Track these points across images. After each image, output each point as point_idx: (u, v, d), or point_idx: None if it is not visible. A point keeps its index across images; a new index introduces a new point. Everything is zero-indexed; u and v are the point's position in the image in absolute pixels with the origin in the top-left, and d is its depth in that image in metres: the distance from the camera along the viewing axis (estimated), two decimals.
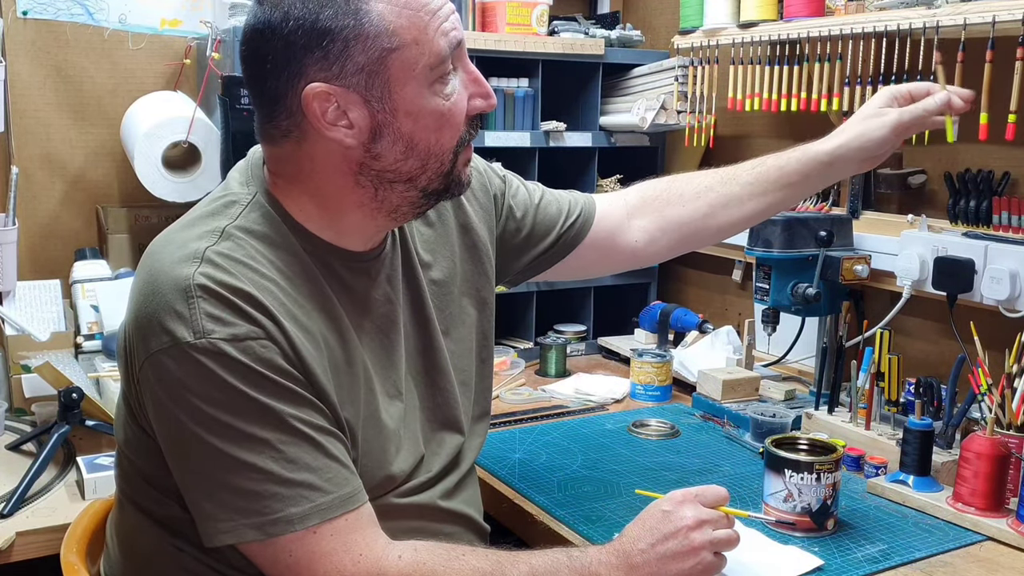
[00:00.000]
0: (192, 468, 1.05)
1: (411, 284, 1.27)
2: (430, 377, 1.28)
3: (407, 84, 1.07)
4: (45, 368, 1.71)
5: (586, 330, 2.42)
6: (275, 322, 1.05)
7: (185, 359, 1.01)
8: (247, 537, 1.03)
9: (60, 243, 2.34)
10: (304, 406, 1.05)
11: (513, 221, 1.43)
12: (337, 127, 1.07)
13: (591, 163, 2.35)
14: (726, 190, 1.45)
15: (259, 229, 1.11)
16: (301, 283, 1.11)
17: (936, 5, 1.66)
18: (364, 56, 1.04)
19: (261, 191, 1.14)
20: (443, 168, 1.14)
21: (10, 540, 1.41)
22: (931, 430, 1.48)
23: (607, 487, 1.54)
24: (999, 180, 1.73)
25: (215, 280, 1.03)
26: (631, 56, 2.38)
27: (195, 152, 2.14)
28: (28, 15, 2.24)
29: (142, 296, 1.06)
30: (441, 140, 1.11)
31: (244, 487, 1.02)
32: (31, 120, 2.28)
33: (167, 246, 1.09)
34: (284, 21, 1.04)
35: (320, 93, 1.05)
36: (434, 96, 1.09)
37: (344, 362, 1.13)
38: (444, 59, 1.08)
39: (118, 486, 1.22)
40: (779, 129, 2.29)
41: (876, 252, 1.88)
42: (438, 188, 1.15)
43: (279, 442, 1.02)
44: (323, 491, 1.04)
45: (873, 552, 1.32)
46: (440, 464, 1.27)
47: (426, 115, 1.09)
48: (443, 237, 1.33)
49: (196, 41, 2.35)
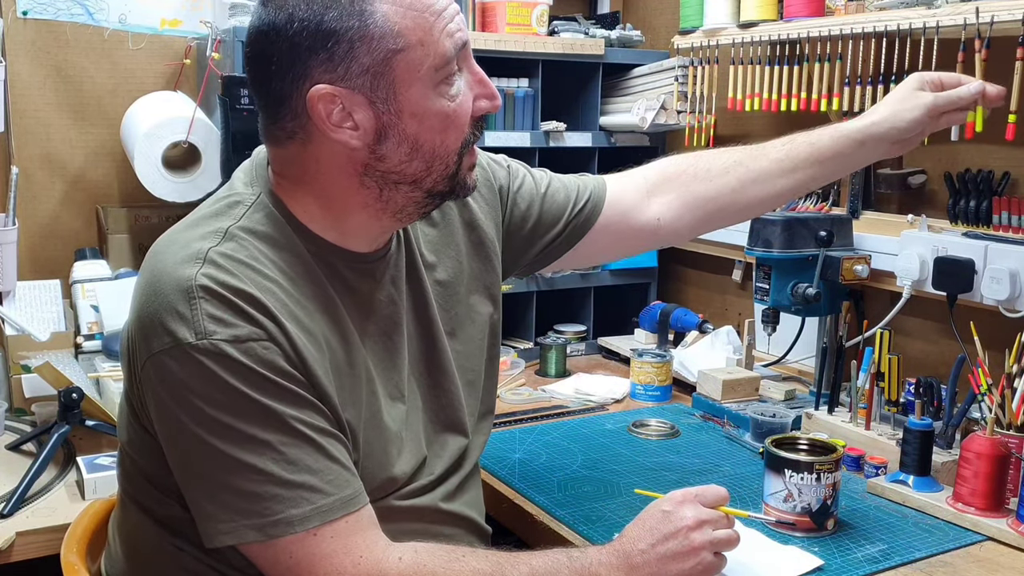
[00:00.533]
0: (193, 469, 1.05)
1: (415, 286, 1.27)
2: (433, 379, 1.28)
3: (412, 85, 1.06)
4: (45, 368, 1.71)
5: (586, 330, 2.42)
6: (277, 323, 1.04)
7: (186, 360, 1.01)
8: (247, 538, 1.03)
9: (60, 243, 2.34)
10: (305, 407, 1.05)
11: (519, 212, 1.41)
12: (342, 129, 1.07)
13: (591, 163, 2.35)
14: (756, 165, 1.42)
15: (262, 230, 1.11)
16: (304, 284, 1.11)
17: (936, 5, 1.66)
18: (369, 57, 1.04)
19: (265, 192, 1.14)
20: (448, 170, 1.13)
21: (10, 540, 1.41)
22: (931, 430, 1.48)
23: (607, 487, 1.54)
24: (999, 180, 1.73)
25: (217, 281, 1.03)
26: (631, 56, 2.38)
27: (195, 152, 2.14)
28: (28, 15, 2.24)
29: (145, 296, 1.06)
30: (446, 141, 1.11)
31: (245, 488, 1.02)
32: (31, 120, 2.28)
33: (170, 246, 1.09)
34: (289, 23, 1.03)
35: (325, 95, 1.04)
36: (439, 97, 1.09)
37: (346, 364, 1.13)
38: (449, 60, 1.08)
39: (120, 485, 1.22)
40: (779, 129, 2.27)
41: (876, 252, 1.88)
42: (443, 190, 1.15)
43: (280, 444, 1.02)
44: (324, 493, 1.04)
45: (873, 552, 1.32)
46: (443, 466, 1.26)
47: (431, 116, 1.09)
48: (448, 237, 1.33)
49: (196, 41, 2.35)
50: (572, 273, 2.36)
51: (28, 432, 1.76)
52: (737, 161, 1.43)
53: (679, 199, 1.45)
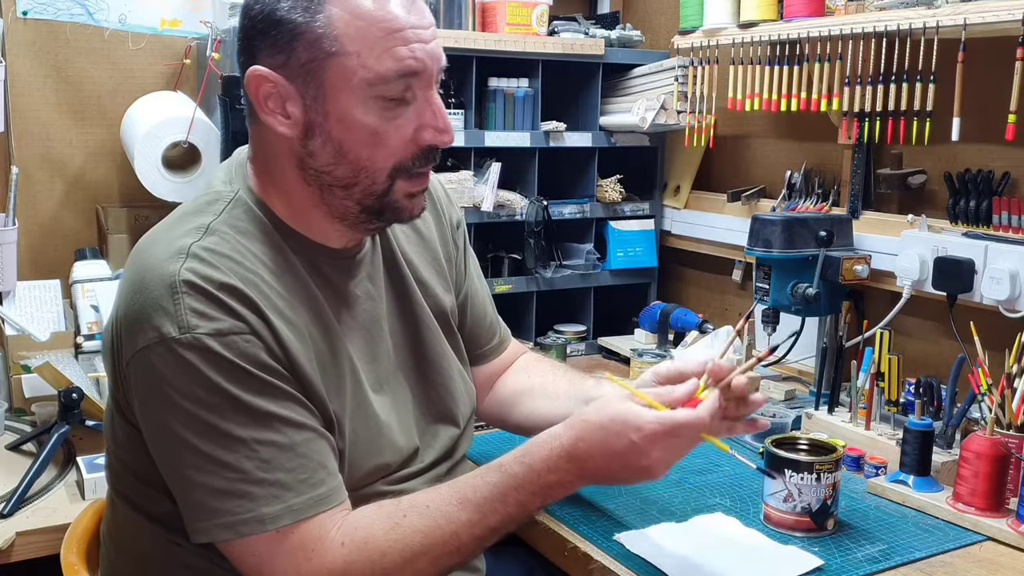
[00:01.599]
0: (171, 464, 1.06)
1: (396, 282, 1.28)
2: (421, 371, 1.30)
3: (342, 92, 1.08)
4: (45, 368, 1.71)
5: (586, 330, 2.42)
6: (260, 316, 1.06)
7: (169, 354, 1.02)
8: (221, 536, 1.04)
9: (60, 243, 2.34)
10: (285, 402, 1.06)
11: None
12: (274, 114, 1.11)
13: (591, 163, 2.35)
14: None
15: (242, 225, 1.13)
16: (285, 277, 1.13)
17: (936, 5, 1.66)
18: (306, 54, 1.08)
19: (243, 188, 1.17)
20: (375, 187, 1.13)
21: (10, 540, 1.42)
22: (931, 430, 1.48)
23: (607, 487, 1.53)
24: (999, 180, 1.73)
25: (200, 275, 1.05)
26: (631, 56, 2.38)
27: (195, 152, 2.14)
28: (28, 15, 2.24)
29: (130, 294, 1.07)
30: (374, 157, 1.11)
31: (217, 486, 1.03)
32: (31, 120, 2.28)
33: (154, 244, 1.11)
34: (254, 3, 1.10)
35: (260, 76, 1.09)
36: (371, 113, 1.09)
37: (329, 354, 1.15)
38: (386, 80, 1.08)
39: (111, 487, 1.22)
40: (779, 129, 2.29)
41: (876, 252, 1.88)
42: (373, 207, 1.15)
43: (255, 441, 1.04)
44: (296, 491, 1.05)
45: (873, 552, 1.32)
46: (433, 456, 1.28)
47: (358, 128, 1.10)
48: (429, 238, 1.36)
49: (196, 41, 2.36)
50: (572, 273, 2.36)
51: (28, 432, 1.76)
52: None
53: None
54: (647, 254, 2.44)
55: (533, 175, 2.27)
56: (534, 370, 1.49)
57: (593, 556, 1.32)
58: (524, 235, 2.27)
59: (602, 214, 2.38)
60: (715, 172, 2.46)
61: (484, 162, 2.21)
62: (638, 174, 2.46)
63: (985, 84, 1.70)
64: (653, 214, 2.46)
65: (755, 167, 2.36)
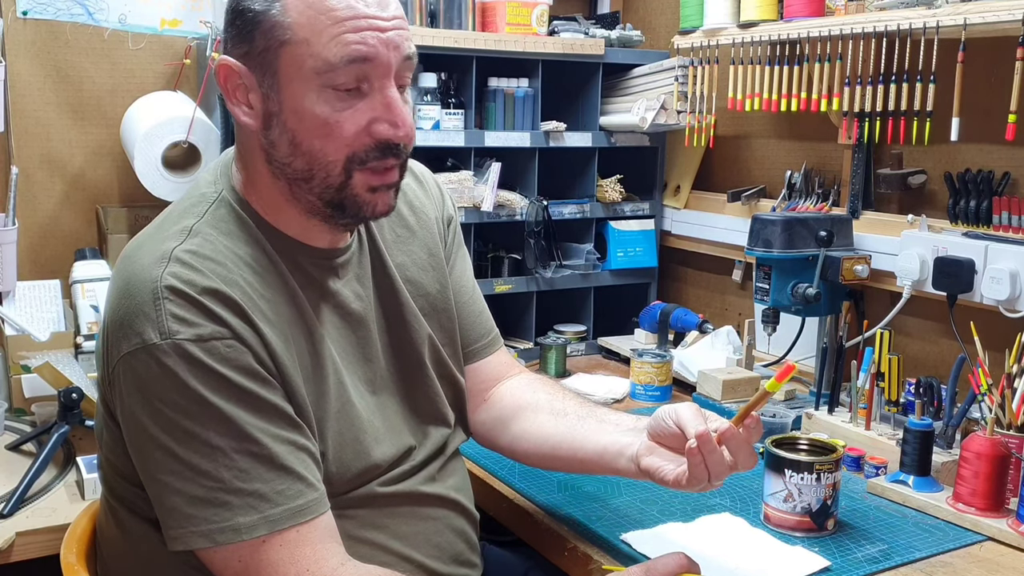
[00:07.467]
0: (150, 470, 1.06)
1: (384, 283, 1.28)
2: (409, 372, 1.29)
3: (293, 80, 1.08)
4: (45, 368, 1.71)
5: (586, 330, 2.42)
6: (244, 319, 1.06)
7: (151, 360, 1.02)
8: (197, 544, 1.04)
9: (60, 243, 2.34)
10: (264, 411, 1.06)
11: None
12: (240, 104, 1.11)
13: (591, 163, 2.35)
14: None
15: (225, 225, 1.13)
16: (268, 277, 1.12)
17: (936, 5, 1.66)
18: (263, 43, 1.08)
19: (227, 188, 1.17)
20: (331, 180, 1.11)
21: (10, 540, 1.41)
22: (931, 430, 1.48)
23: (607, 487, 1.53)
24: (999, 180, 1.73)
25: (183, 279, 1.04)
26: (631, 56, 2.38)
27: (195, 152, 2.14)
28: (28, 15, 2.24)
29: (116, 300, 1.08)
30: (326, 149, 1.09)
31: (195, 494, 1.03)
32: (31, 120, 2.28)
33: (139, 249, 1.11)
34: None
35: (226, 65, 1.11)
36: (321, 102, 1.08)
37: (310, 355, 1.14)
38: (334, 67, 1.06)
39: (105, 491, 1.22)
40: (779, 129, 2.29)
41: (876, 252, 1.88)
42: (333, 200, 1.13)
43: (233, 451, 1.03)
44: (273, 503, 1.04)
45: (873, 552, 1.32)
46: (425, 454, 1.28)
47: (310, 118, 1.09)
48: (420, 232, 1.34)
49: (196, 41, 2.36)
50: (572, 273, 2.36)
51: (28, 432, 1.76)
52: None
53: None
54: (647, 254, 2.44)
55: (533, 175, 2.27)
56: (539, 387, 1.44)
57: (593, 556, 1.32)
58: (524, 235, 2.27)
59: (602, 214, 2.38)
60: (715, 172, 2.46)
61: (484, 162, 2.21)
62: (638, 174, 2.46)
63: (985, 84, 1.70)
64: (653, 214, 2.46)
65: (755, 167, 2.36)
